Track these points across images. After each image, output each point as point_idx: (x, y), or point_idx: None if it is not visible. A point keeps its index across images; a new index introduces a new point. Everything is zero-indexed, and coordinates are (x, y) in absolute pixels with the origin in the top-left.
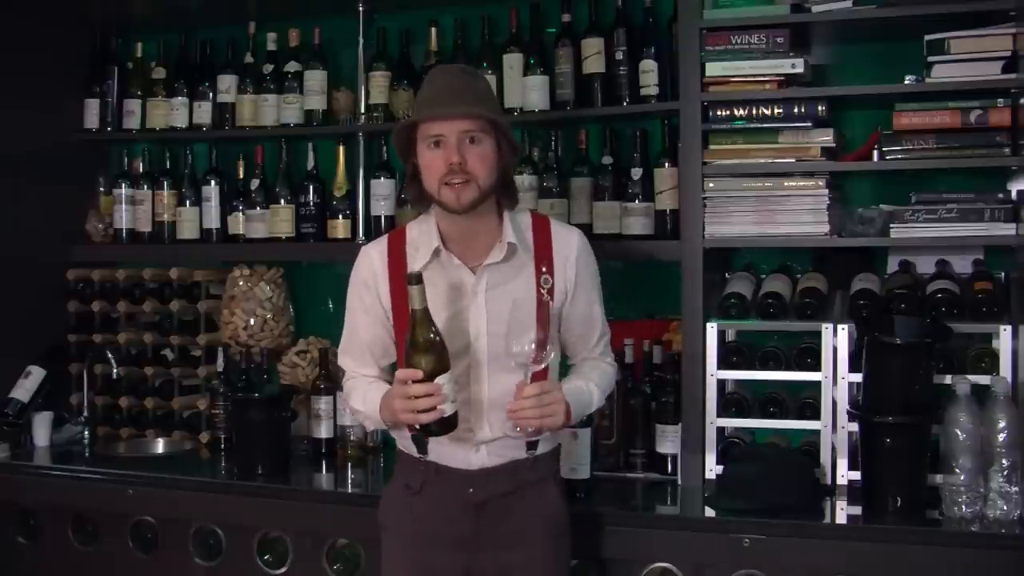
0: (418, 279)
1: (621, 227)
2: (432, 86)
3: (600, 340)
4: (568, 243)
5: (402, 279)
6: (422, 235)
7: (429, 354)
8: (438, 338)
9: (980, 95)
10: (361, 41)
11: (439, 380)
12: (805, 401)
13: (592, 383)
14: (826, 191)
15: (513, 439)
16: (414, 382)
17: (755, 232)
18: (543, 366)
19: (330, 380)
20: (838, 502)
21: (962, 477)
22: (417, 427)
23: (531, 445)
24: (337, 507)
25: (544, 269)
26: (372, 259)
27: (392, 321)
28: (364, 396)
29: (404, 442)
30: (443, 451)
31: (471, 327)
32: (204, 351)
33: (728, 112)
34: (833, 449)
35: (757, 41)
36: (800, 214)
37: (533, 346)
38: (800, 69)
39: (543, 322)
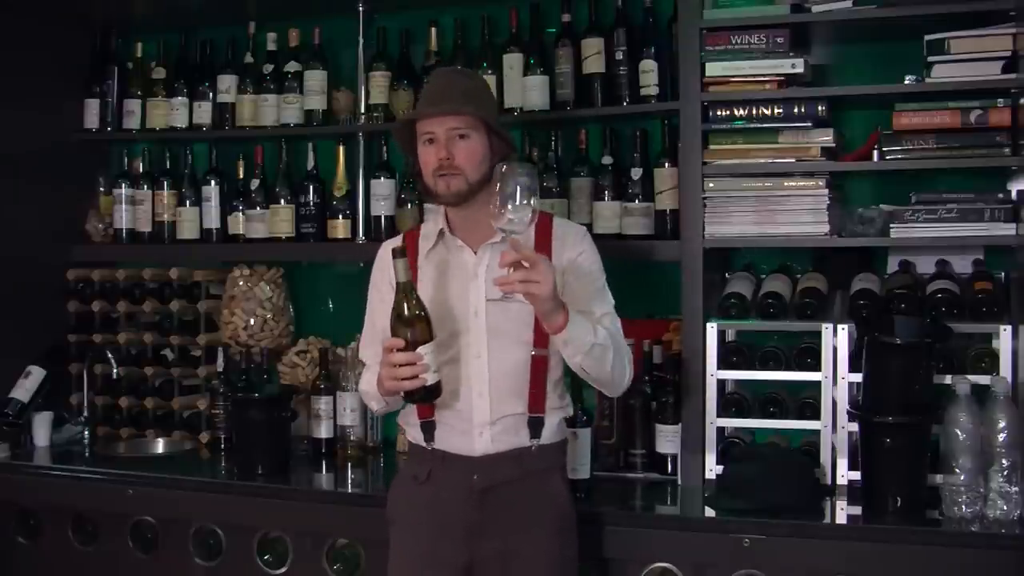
0: (401, 253)
1: (621, 227)
2: (427, 88)
3: (607, 313)
4: (568, 231)
5: (415, 270)
6: (433, 227)
7: (412, 325)
8: (422, 311)
9: (980, 95)
10: (361, 41)
11: (421, 350)
12: (805, 401)
13: (599, 324)
14: (826, 191)
15: (514, 418)
16: (398, 351)
17: (755, 232)
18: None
19: (330, 380)
20: (838, 502)
21: (962, 477)
22: (402, 394)
23: (534, 433)
24: (337, 507)
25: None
26: (388, 253)
27: None
28: (370, 378)
29: (413, 432)
30: (449, 438)
31: (471, 304)
32: (204, 351)
33: (728, 112)
34: (833, 449)
35: (757, 41)
36: (800, 214)
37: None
38: (800, 69)
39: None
